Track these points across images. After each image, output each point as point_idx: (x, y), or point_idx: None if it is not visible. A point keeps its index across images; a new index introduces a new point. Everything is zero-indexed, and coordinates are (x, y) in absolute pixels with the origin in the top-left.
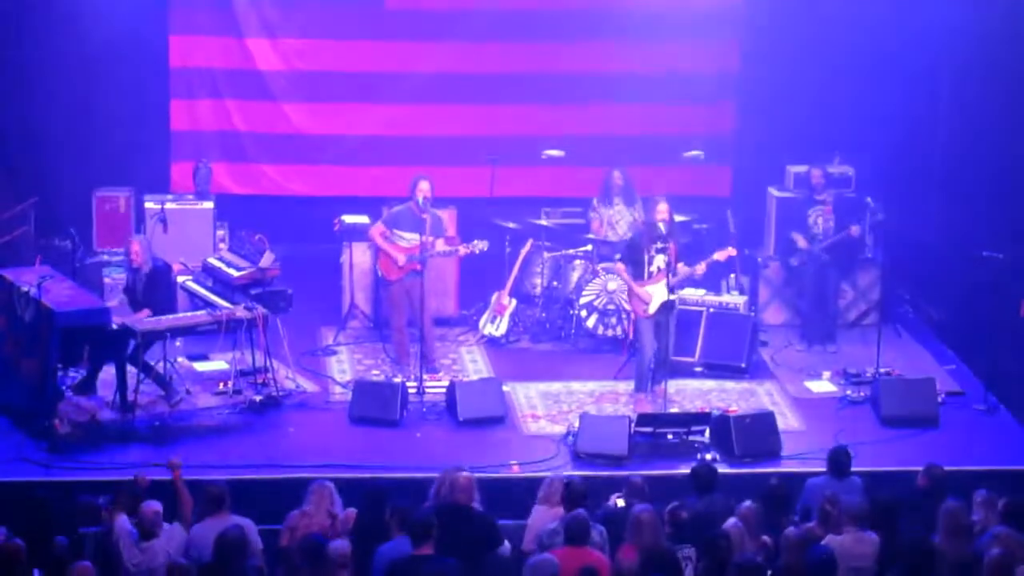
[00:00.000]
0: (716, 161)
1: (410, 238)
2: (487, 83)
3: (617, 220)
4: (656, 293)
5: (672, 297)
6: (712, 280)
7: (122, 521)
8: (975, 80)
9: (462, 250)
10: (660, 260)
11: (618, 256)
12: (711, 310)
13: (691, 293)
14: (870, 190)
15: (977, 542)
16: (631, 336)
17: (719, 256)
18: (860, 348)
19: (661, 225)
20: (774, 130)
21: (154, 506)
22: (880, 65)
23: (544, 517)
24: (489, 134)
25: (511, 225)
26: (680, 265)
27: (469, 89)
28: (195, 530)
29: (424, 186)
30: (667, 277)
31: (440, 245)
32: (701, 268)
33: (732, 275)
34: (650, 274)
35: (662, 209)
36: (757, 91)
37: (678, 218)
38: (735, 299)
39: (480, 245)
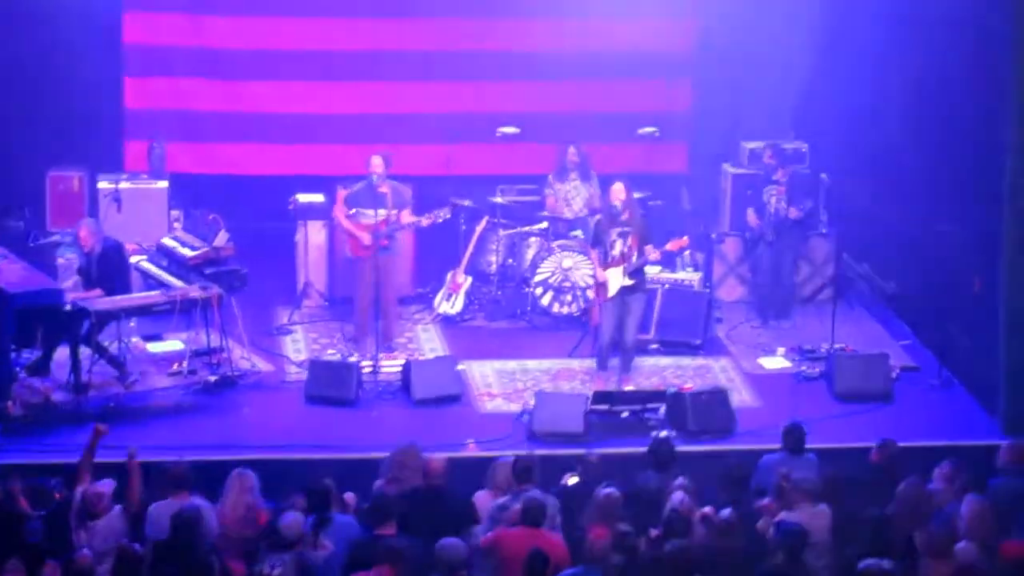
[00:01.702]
0: (672, 138)
1: (372, 215)
2: (443, 60)
3: (573, 196)
4: (612, 278)
5: (628, 282)
6: (667, 257)
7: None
8: (929, 54)
9: (425, 220)
10: (620, 244)
11: (573, 233)
12: (666, 287)
13: (646, 270)
14: (825, 166)
15: (935, 516)
16: (587, 315)
17: (671, 246)
18: (815, 324)
19: (617, 204)
20: (730, 106)
21: (101, 487)
22: (835, 41)
23: (488, 501)
24: (445, 111)
25: (466, 203)
26: (648, 248)
27: (425, 66)
28: (154, 509)
29: (375, 161)
30: (626, 262)
31: (406, 216)
32: (654, 253)
33: (687, 252)
34: (612, 258)
35: (617, 190)
36: (714, 67)
37: (638, 195)
38: (690, 276)
39: (443, 213)
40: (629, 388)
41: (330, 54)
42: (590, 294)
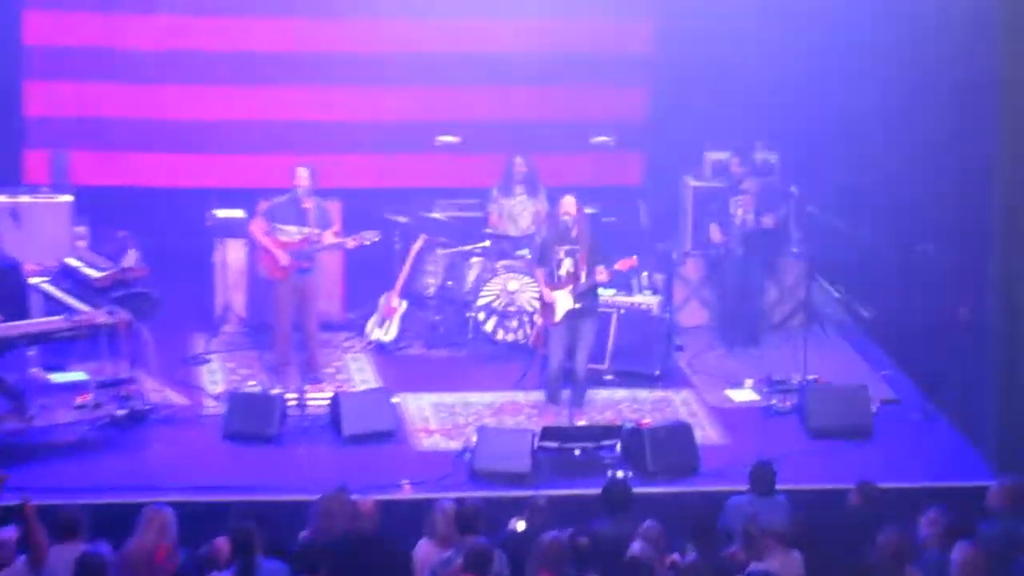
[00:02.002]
0: (627, 148)
1: (293, 232)
2: (373, 63)
3: (519, 212)
4: (559, 300)
5: (576, 306)
6: (623, 279)
7: None
8: (912, 56)
9: (350, 243)
10: (568, 263)
11: (519, 253)
12: (621, 312)
13: (599, 294)
14: (795, 179)
15: (920, 566)
16: (533, 341)
17: (620, 266)
18: (786, 352)
19: (567, 220)
20: (690, 114)
21: (2, 534)
22: (808, 43)
23: (431, 553)
24: (376, 119)
25: (401, 219)
26: (599, 269)
27: (354, 70)
28: (50, 555)
29: (301, 173)
30: (575, 282)
31: (328, 237)
32: (603, 274)
33: (644, 273)
34: (558, 278)
35: (567, 203)
36: (673, 72)
37: (589, 210)
38: (648, 299)
39: (370, 236)
40: (581, 423)
41: (251, 56)
42: (537, 319)
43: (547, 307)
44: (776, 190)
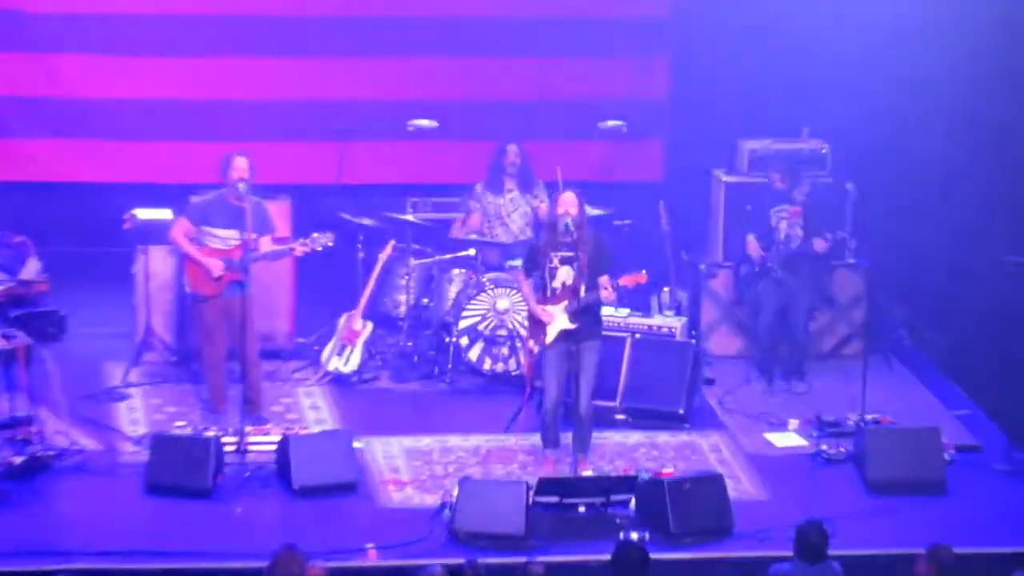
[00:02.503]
0: (644, 134)
1: (227, 237)
2: (329, 28)
3: (510, 212)
4: (555, 317)
5: (570, 326)
6: (637, 296)
7: None
8: (984, 29)
9: (299, 249)
10: (565, 273)
11: (511, 264)
12: (637, 336)
13: (610, 315)
14: (851, 175)
15: None
16: (527, 372)
17: (625, 282)
18: (839, 387)
19: (568, 223)
20: (722, 94)
21: None
22: (858, 12)
23: None
24: (335, 98)
25: (366, 221)
26: (603, 281)
27: (305, 36)
28: None
29: (240, 164)
30: (572, 297)
31: (266, 244)
32: (608, 291)
33: (665, 289)
34: (552, 291)
35: (567, 201)
36: (699, 43)
37: (591, 212)
38: (670, 321)
39: (323, 241)
40: (587, 473)
41: (176, 20)
42: (532, 344)
43: (536, 325)
44: (829, 193)
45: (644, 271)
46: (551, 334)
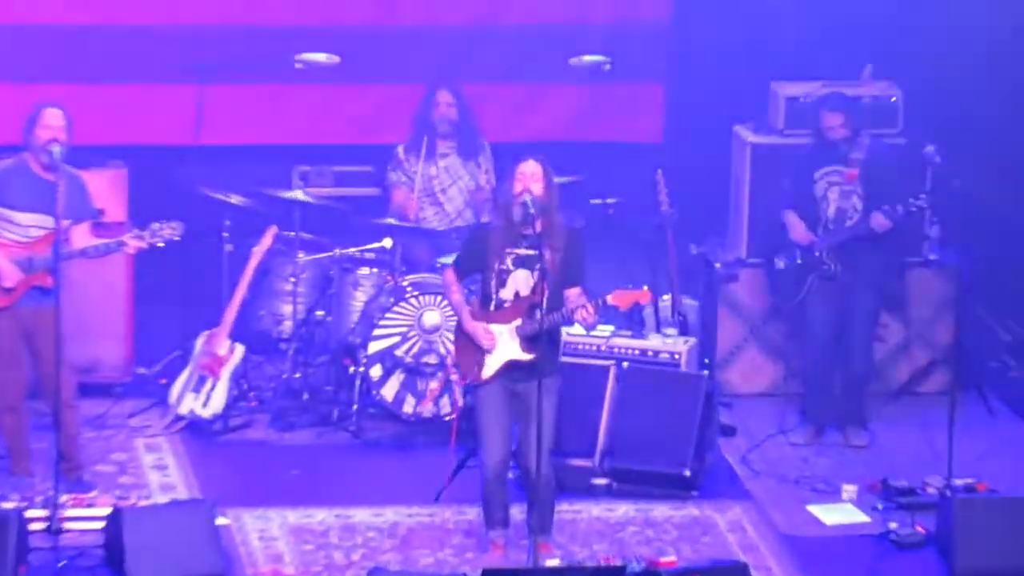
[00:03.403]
0: (637, 75)
1: (28, 224)
2: None
3: (444, 186)
4: (500, 340)
5: (524, 356)
6: (619, 314)
7: None
8: None
9: (132, 244)
10: (522, 279)
11: (444, 261)
12: (624, 365)
13: (584, 333)
14: (933, 135)
15: None
16: (457, 420)
17: (616, 301)
18: (915, 438)
19: (529, 206)
20: (747, 21)
21: None
22: None
23: None
24: (191, 22)
25: (234, 200)
26: (573, 294)
27: None
28: None
29: (52, 119)
30: (529, 314)
31: (83, 236)
32: (584, 310)
33: (665, 297)
34: (499, 303)
35: (528, 174)
36: None
37: (560, 180)
38: (672, 343)
39: (167, 231)
40: (552, 563)
41: None
42: (456, 376)
43: (468, 350)
44: (900, 154)
45: (646, 287)
46: (491, 365)
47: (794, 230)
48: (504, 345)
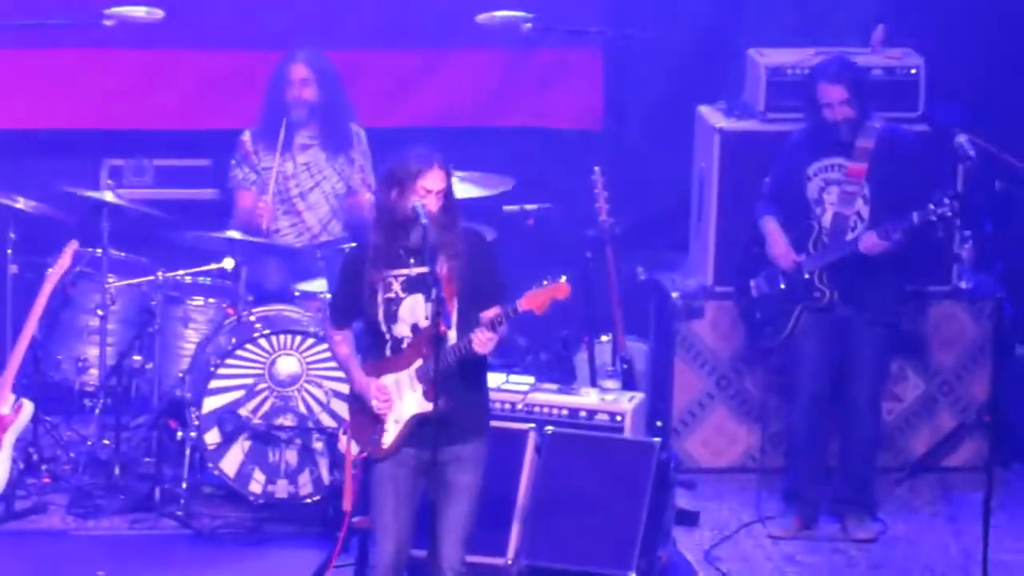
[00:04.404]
0: (566, 39)
1: None
2: None
3: (305, 190)
4: (404, 393)
5: (428, 407)
6: (549, 345)
7: None
8: None
9: None
10: (417, 305)
11: (303, 287)
12: (549, 430)
13: (497, 387)
14: (963, 117)
15: None
16: (349, 504)
17: (528, 304)
18: (937, 530)
19: (420, 213)
20: None
21: None
22: None
23: None
24: None
25: (20, 204)
26: (491, 316)
27: None
28: None
29: None
30: (428, 355)
31: None
32: (483, 336)
33: (604, 337)
34: (395, 344)
35: (437, 191)
36: None
37: (466, 191)
38: (611, 401)
39: None
40: None
41: None
42: (347, 444)
43: (363, 415)
44: (919, 148)
45: (564, 277)
46: (393, 430)
47: (773, 245)
48: (405, 397)
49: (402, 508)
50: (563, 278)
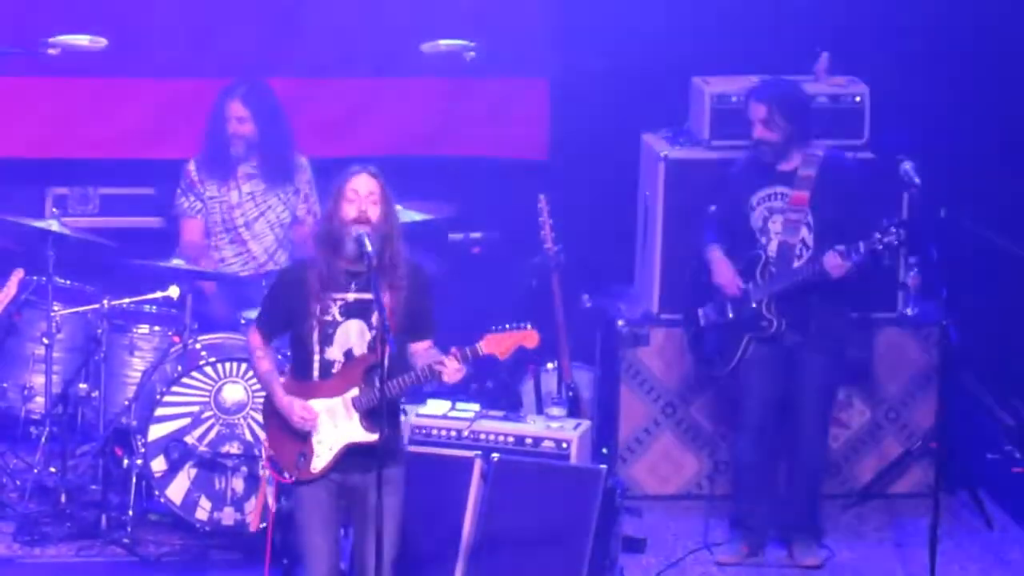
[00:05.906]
0: (512, 68)
1: None
2: None
3: (250, 220)
4: (331, 418)
5: (369, 439)
6: (495, 377)
7: None
8: None
9: None
10: (354, 331)
11: (248, 317)
12: (495, 457)
13: (442, 415)
14: (908, 146)
15: None
16: (270, 531)
17: (490, 347)
18: (883, 556)
19: (363, 237)
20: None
21: None
22: None
23: None
24: None
25: None
26: (422, 350)
27: None
28: None
29: None
30: (369, 379)
31: None
32: (453, 365)
33: (550, 365)
34: (325, 367)
35: (365, 194)
36: None
37: (407, 216)
38: (557, 429)
39: None
40: None
41: None
42: (266, 472)
43: (288, 439)
44: (863, 176)
45: (530, 325)
46: (323, 454)
47: (719, 273)
48: (340, 425)
49: (330, 531)
50: (528, 325)
